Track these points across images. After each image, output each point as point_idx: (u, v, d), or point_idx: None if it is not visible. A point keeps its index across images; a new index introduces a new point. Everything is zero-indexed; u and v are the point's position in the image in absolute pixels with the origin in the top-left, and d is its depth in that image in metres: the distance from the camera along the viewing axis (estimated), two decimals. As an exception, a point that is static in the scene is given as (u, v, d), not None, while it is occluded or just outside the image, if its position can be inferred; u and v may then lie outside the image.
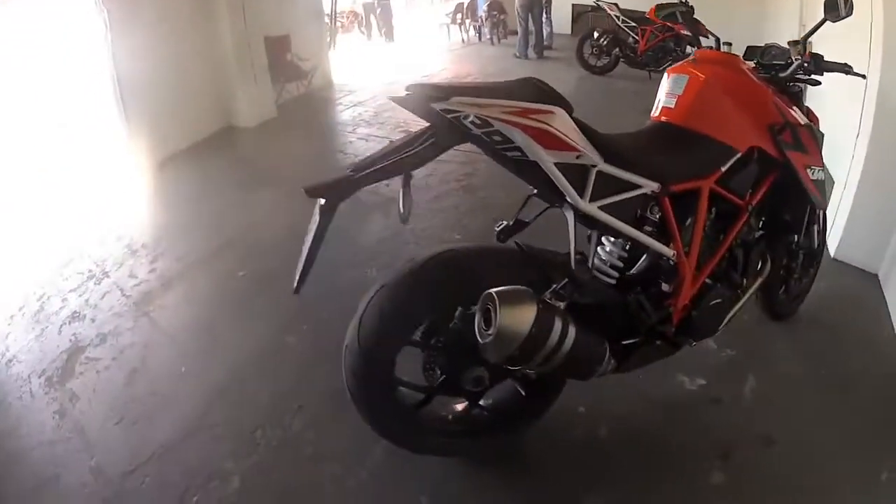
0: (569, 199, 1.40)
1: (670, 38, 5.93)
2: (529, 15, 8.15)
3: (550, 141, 1.31)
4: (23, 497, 1.79)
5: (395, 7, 12.13)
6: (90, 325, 2.62)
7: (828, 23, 1.81)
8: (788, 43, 1.93)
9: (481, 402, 1.71)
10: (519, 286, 1.34)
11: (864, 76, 2.02)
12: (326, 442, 1.91)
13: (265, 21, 5.67)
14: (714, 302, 1.78)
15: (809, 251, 2.36)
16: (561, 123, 1.32)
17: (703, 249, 1.73)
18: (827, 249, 2.80)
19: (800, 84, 1.97)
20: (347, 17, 12.34)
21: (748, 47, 2.11)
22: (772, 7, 6.64)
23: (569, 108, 1.34)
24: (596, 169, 1.41)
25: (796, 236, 2.17)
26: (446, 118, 1.23)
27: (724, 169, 1.70)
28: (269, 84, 5.79)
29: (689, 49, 4.89)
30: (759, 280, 1.99)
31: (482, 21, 10.16)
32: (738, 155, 1.73)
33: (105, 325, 2.61)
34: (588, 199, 1.41)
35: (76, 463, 1.87)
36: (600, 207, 1.44)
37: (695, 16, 5.67)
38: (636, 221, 1.58)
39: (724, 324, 1.89)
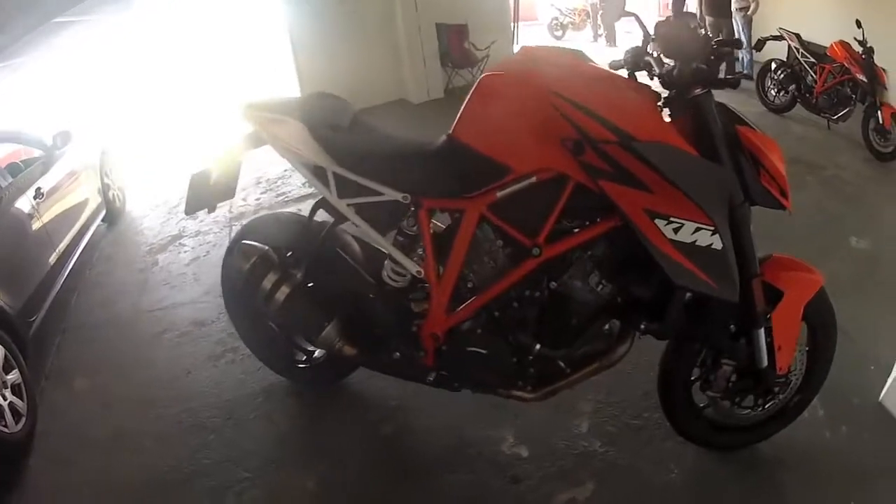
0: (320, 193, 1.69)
1: (847, 81, 5.16)
2: (720, 36, 7.34)
3: (282, 145, 1.68)
4: (92, 307, 3.09)
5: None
6: (197, 224, 3.91)
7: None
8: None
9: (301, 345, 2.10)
10: (261, 245, 1.79)
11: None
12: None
13: (440, 9, 6.34)
14: (472, 349, 1.61)
15: (753, 369, 1.61)
16: (289, 131, 1.63)
17: (478, 283, 1.58)
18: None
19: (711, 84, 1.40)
20: (578, 15, 12.32)
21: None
22: None
23: (317, 126, 1.61)
24: (331, 170, 1.62)
25: (646, 323, 1.54)
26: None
27: (500, 193, 1.47)
28: (438, 67, 6.58)
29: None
30: (598, 363, 1.60)
31: None
32: (530, 179, 1.43)
33: (203, 227, 3.87)
34: (336, 195, 1.64)
35: (128, 299, 3.10)
36: (351, 205, 1.64)
37: (874, 59, 4.98)
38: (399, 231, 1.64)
39: (526, 392, 1.64)
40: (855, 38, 5.13)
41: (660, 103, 1.43)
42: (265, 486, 1.87)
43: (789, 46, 5.83)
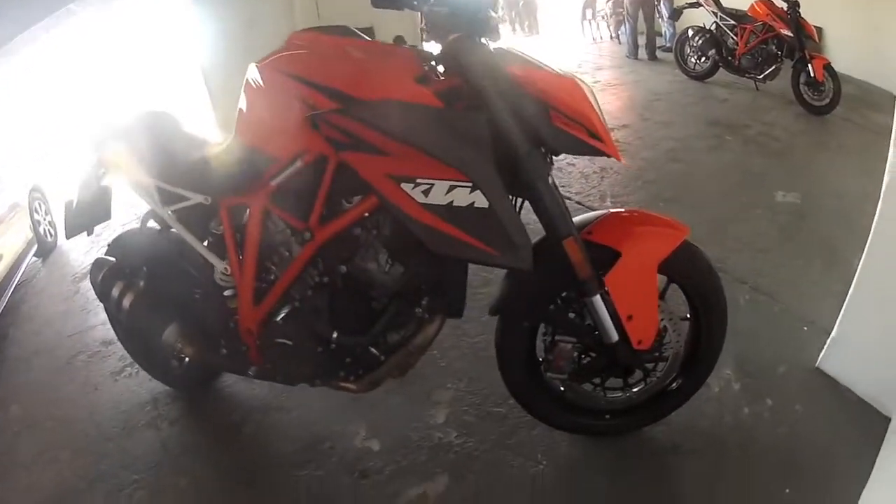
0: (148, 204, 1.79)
1: (771, 38, 5.13)
2: (640, 12, 7.24)
3: (112, 165, 1.83)
4: (25, 338, 3.24)
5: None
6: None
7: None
8: None
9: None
10: (110, 258, 1.94)
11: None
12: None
13: (344, 13, 6.15)
14: (280, 340, 1.61)
15: (603, 345, 1.50)
16: (116, 151, 1.77)
17: (279, 274, 1.58)
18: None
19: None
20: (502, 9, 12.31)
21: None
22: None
23: (137, 145, 1.72)
24: (152, 182, 1.71)
25: (428, 300, 1.51)
26: None
27: (274, 183, 1.47)
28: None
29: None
30: (407, 348, 1.56)
31: (606, 18, 9.09)
32: (296, 164, 1.42)
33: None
34: (161, 205, 1.72)
35: (53, 328, 3.23)
36: (173, 212, 1.70)
37: (800, 13, 4.97)
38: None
39: (350, 383, 1.62)
40: None
41: (432, 62, 1.36)
42: (148, 487, 2.00)
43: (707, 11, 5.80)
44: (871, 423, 1.69)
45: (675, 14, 6.71)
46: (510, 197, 1.35)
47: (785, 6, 5.03)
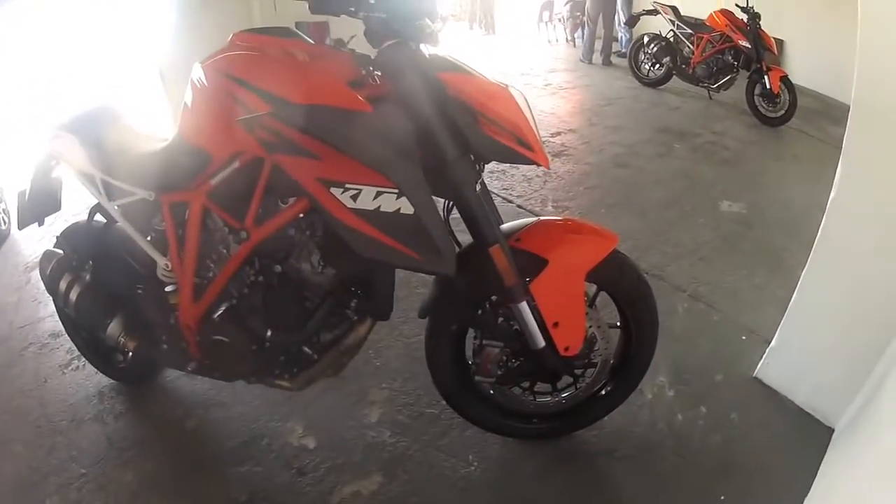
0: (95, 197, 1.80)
1: (728, 49, 5.28)
2: (600, 17, 7.34)
3: (62, 158, 1.86)
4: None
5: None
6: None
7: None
8: None
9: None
10: (57, 250, 1.98)
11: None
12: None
13: (301, 8, 6.09)
14: (217, 337, 1.64)
15: (530, 350, 1.54)
16: (64, 144, 1.80)
17: (217, 272, 1.60)
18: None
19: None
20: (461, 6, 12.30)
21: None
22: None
23: (87, 137, 1.75)
24: (98, 176, 1.73)
25: (356, 303, 1.56)
26: None
27: (212, 181, 1.49)
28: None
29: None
30: (338, 348, 1.61)
31: (563, 21, 9.18)
32: (234, 164, 1.45)
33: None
34: (107, 199, 1.75)
35: (5, 319, 3.20)
36: (119, 206, 1.73)
37: (760, 25, 5.09)
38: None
39: (284, 381, 1.66)
40: (738, 6, 5.22)
41: (370, 67, 1.37)
42: (96, 481, 2.04)
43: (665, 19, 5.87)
44: (811, 432, 1.73)
45: (632, 20, 6.82)
46: (442, 199, 1.41)
47: (745, 17, 5.14)
